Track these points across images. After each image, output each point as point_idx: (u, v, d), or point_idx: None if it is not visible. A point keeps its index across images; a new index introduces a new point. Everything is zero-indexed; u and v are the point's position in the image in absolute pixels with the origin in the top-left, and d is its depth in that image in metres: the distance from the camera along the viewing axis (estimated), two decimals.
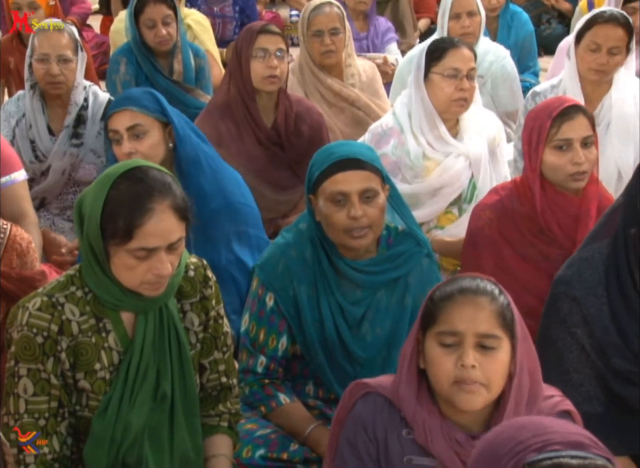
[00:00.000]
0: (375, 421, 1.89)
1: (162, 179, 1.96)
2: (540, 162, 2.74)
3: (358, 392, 1.93)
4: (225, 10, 5.74)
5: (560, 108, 2.73)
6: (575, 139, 2.72)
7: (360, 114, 4.15)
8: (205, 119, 3.62)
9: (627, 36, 3.49)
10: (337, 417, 1.98)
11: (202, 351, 2.17)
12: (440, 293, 1.84)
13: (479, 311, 1.79)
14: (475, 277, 1.86)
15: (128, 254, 1.91)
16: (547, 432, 1.30)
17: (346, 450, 1.91)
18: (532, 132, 2.76)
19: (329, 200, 2.36)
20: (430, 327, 1.82)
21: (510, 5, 5.32)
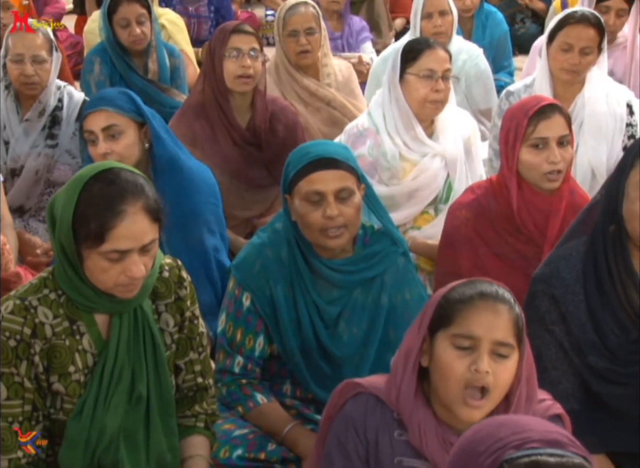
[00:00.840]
0: (367, 421, 1.88)
1: (134, 180, 1.94)
2: (516, 161, 2.75)
3: (349, 391, 1.92)
4: (200, 10, 5.73)
5: (537, 107, 2.74)
6: (551, 138, 2.74)
7: (336, 114, 4.16)
8: (180, 119, 3.61)
9: (599, 36, 3.52)
10: (326, 415, 1.98)
11: (177, 352, 2.16)
12: (458, 295, 1.81)
13: (498, 318, 1.77)
14: (492, 282, 1.85)
15: (101, 256, 1.90)
16: (525, 430, 1.31)
17: (334, 450, 1.91)
18: (509, 132, 2.77)
19: (305, 200, 2.37)
20: (444, 328, 1.79)
21: (485, 5, 5.35)
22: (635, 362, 2.16)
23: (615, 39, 4.31)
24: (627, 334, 2.16)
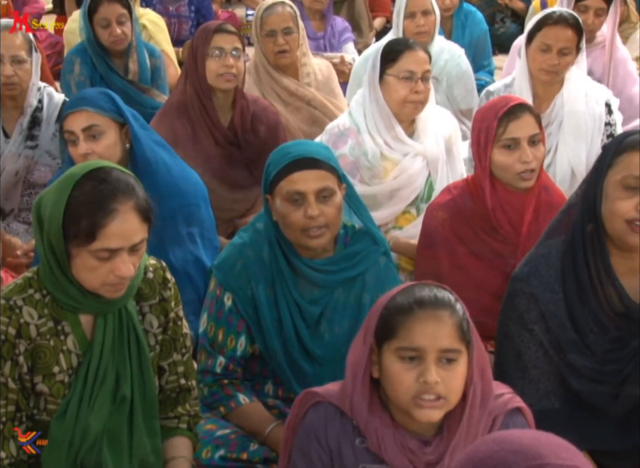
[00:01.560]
0: (327, 430, 1.87)
1: (125, 180, 1.95)
2: (489, 162, 2.77)
3: (308, 401, 1.92)
4: (180, 10, 5.72)
5: (506, 108, 2.75)
6: (522, 138, 2.75)
7: (316, 113, 4.16)
8: (161, 119, 3.60)
9: (577, 36, 3.54)
10: (288, 425, 1.97)
11: (161, 353, 2.16)
12: (396, 305, 1.79)
13: (440, 327, 1.75)
14: (430, 285, 1.83)
15: (90, 255, 1.90)
16: (541, 464, 1.20)
17: (299, 460, 1.90)
18: (480, 133, 2.79)
19: (286, 200, 2.37)
20: (388, 340, 1.78)
21: (464, 5, 5.37)
22: (614, 360, 2.18)
23: (594, 39, 4.34)
24: (605, 332, 2.18)
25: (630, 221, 2.09)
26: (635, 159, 2.09)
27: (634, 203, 2.08)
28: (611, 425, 2.18)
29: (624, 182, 2.10)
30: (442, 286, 1.85)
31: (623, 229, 2.10)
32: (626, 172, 2.09)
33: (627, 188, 2.09)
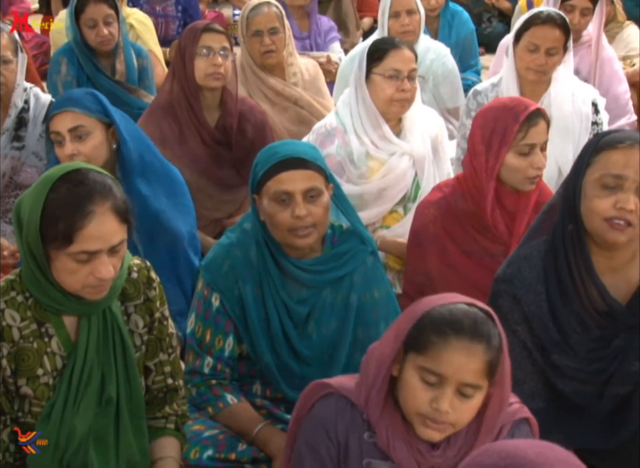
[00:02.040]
0: (337, 422, 1.87)
1: (102, 181, 1.94)
2: (499, 165, 2.74)
3: (318, 392, 1.91)
4: (167, 10, 5.71)
5: (527, 112, 2.72)
6: (538, 144, 2.75)
7: (303, 112, 4.16)
8: (148, 119, 3.60)
9: (564, 36, 3.55)
10: (295, 417, 1.97)
11: (147, 353, 2.16)
12: (434, 321, 1.75)
13: (471, 361, 1.72)
14: (474, 305, 1.78)
15: (69, 257, 1.89)
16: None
17: (305, 452, 1.89)
18: (494, 134, 2.74)
19: (273, 200, 2.37)
20: (416, 353, 1.75)
21: (451, 5, 5.38)
22: (597, 359, 2.18)
23: (580, 38, 4.35)
24: (588, 332, 2.18)
25: (609, 219, 2.10)
26: (613, 157, 2.09)
27: (611, 202, 2.08)
28: (595, 425, 2.18)
29: (601, 181, 2.10)
30: (486, 308, 1.80)
31: (602, 227, 2.10)
32: (604, 171, 2.10)
33: (605, 187, 2.09)
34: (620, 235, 2.09)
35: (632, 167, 2.07)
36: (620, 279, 2.19)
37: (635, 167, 2.07)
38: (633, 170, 2.07)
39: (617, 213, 2.08)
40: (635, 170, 2.07)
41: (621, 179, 2.08)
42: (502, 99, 2.90)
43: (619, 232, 2.09)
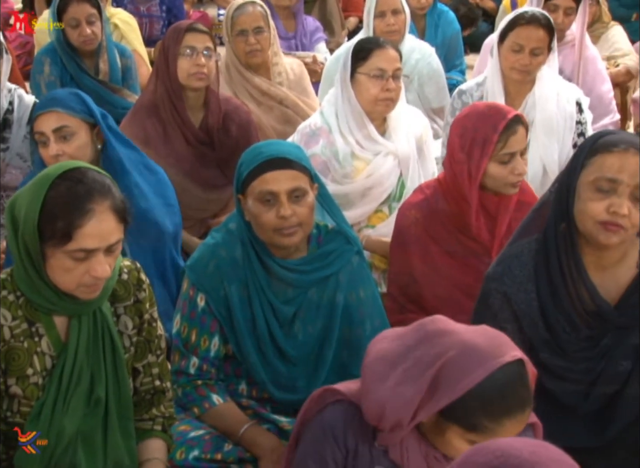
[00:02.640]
0: (347, 430, 1.85)
1: (101, 180, 1.94)
2: (481, 175, 2.74)
3: (327, 398, 1.90)
4: (152, 10, 5.69)
5: (505, 121, 2.71)
6: (517, 151, 2.76)
7: (289, 112, 4.16)
8: (132, 119, 3.59)
9: (549, 36, 3.56)
10: (301, 420, 1.96)
11: (136, 354, 2.15)
12: (487, 405, 1.68)
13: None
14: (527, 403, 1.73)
15: (66, 255, 1.89)
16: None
17: (310, 457, 1.88)
18: (474, 145, 2.73)
19: (258, 200, 2.37)
20: (456, 424, 1.70)
21: (438, 4, 5.39)
22: (585, 359, 2.19)
23: (563, 37, 4.37)
24: (577, 331, 2.18)
25: (602, 222, 2.10)
26: (608, 161, 2.09)
27: (605, 205, 2.08)
28: (582, 423, 2.19)
29: (596, 183, 2.09)
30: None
31: (595, 228, 2.11)
32: (599, 174, 2.09)
33: (599, 190, 2.09)
34: (613, 237, 2.10)
35: (627, 172, 2.07)
36: (609, 280, 2.20)
37: (630, 171, 2.07)
38: (628, 174, 2.07)
39: (610, 217, 2.08)
40: (629, 174, 2.07)
41: (615, 183, 2.08)
42: (479, 106, 2.88)
43: (611, 234, 2.09)
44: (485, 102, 3.10)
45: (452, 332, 1.75)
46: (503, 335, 1.77)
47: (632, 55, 5.04)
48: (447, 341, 1.73)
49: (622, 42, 5.13)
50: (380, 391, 1.77)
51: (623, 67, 4.93)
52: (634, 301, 2.17)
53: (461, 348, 1.70)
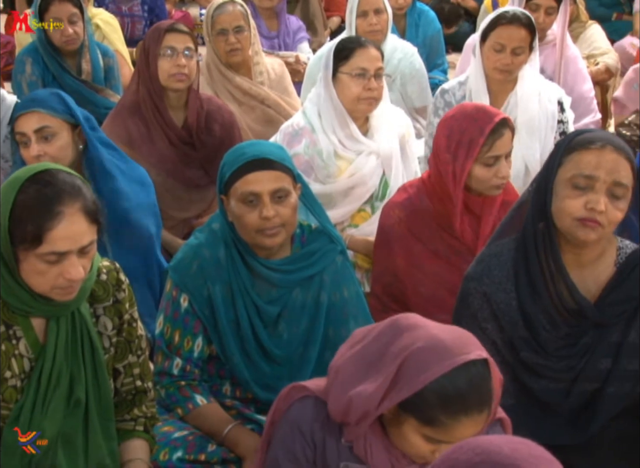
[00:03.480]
0: (314, 425, 1.86)
1: (71, 182, 1.92)
2: (466, 177, 2.75)
3: (295, 395, 1.90)
4: (133, 10, 5.67)
5: (492, 125, 2.72)
6: (502, 155, 2.77)
7: (270, 112, 4.16)
8: (114, 119, 3.58)
9: (530, 36, 3.58)
10: (271, 419, 1.95)
11: (116, 355, 2.14)
12: (443, 398, 1.69)
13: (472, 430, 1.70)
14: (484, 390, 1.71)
15: (38, 259, 1.88)
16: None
17: (281, 454, 1.89)
18: (460, 146, 2.74)
19: (241, 201, 2.37)
20: (415, 420, 1.72)
21: (417, 4, 5.40)
22: (565, 357, 2.20)
23: (545, 37, 4.39)
24: (557, 329, 2.19)
25: (580, 219, 2.11)
26: (584, 158, 2.10)
27: (582, 202, 2.09)
28: (563, 421, 2.20)
29: (573, 181, 2.11)
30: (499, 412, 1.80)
31: (573, 225, 2.12)
32: (576, 171, 2.11)
33: (576, 187, 2.10)
34: (591, 233, 2.11)
35: (604, 168, 2.09)
36: (588, 278, 2.21)
37: (607, 168, 2.09)
38: (604, 171, 2.08)
39: (587, 214, 2.09)
40: (606, 171, 2.08)
41: (592, 180, 2.09)
42: (467, 107, 2.88)
43: (589, 230, 2.11)
44: (473, 104, 3.11)
45: (421, 326, 1.76)
46: (472, 336, 1.77)
47: (611, 53, 5.07)
48: (415, 334, 1.74)
49: (601, 41, 5.16)
50: (347, 387, 1.78)
51: (603, 66, 4.96)
52: (613, 299, 2.18)
53: (427, 341, 1.71)
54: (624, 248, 2.24)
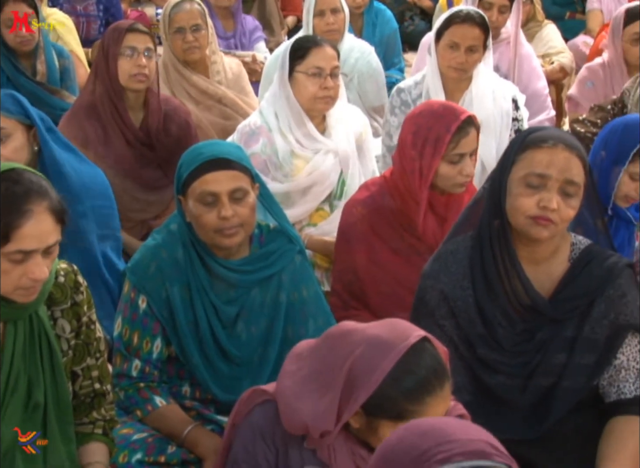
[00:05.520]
0: (275, 430, 1.85)
1: (38, 181, 1.92)
2: (432, 175, 2.76)
3: (256, 399, 1.90)
4: (88, 9, 5.62)
5: (458, 123, 2.74)
6: (467, 153, 2.79)
7: (228, 111, 4.16)
8: (70, 120, 3.55)
9: (484, 34, 3.61)
10: (232, 422, 1.95)
11: (74, 358, 2.13)
12: (407, 393, 1.71)
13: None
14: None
15: (3, 258, 1.86)
16: (450, 441, 1.26)
17: (241, 457, 1.88)
18: (427, 144, 2.75)
19: (199, 201, 2.36)
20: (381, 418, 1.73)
21: (375, 3, 5.42)
22: (521, 353, 2.22)
23: (499, 35, 4.43)
24: (513, 326, 2.21)
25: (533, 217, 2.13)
26: (537, 156, 2.12)
27: (535, 200, 2.12)
28: (520, 416, 2.21)
29: (526, 179, 2.13)
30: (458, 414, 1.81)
31: (527, 223, 2.14)
32: (528, 170, 2.13)
33: (529, 185, 2.13)
34: (544, 231, 2.13)
35: (556, 167, 2.11)
36: (542, 274, 2.23)
37: (559, 166, 2.11)
38: (556, 169, 2.11)
39: (540, 212, 2.11)
40: (558, 169, 2.11)
41: (545, 178, 2.11)
42: (434, 104, 2.89)
43: (542, 228, 2.13)
44: (440, 101, 3.13)
45: (355, 331, 1.78)
46: (403, 321, 1.81)
47: (566, 52, 5.13)
48: (351, 340, 1.76)
49: (556, 40, 5.22)
50: (299, 408, 1.79)
51: (557, 65, 5.02)
52: (567, 294, 2.21)
53: (366, 344, 1.73)
54: (578, 243, 2.27)
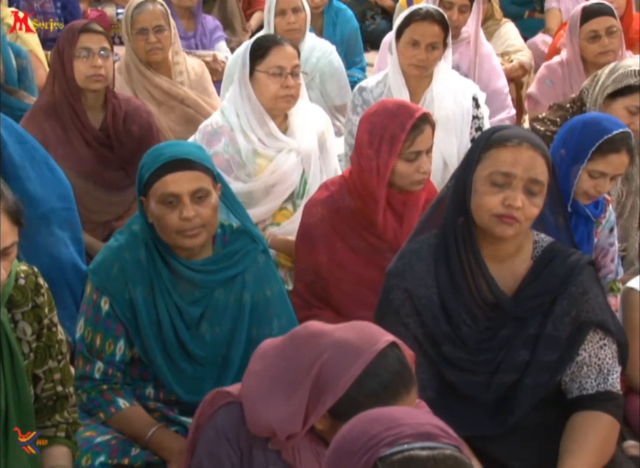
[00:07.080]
0: (239, 431, 1.85)
1: None
2: (389, 173, 2.77)
3: (220, 401, 1.89)
4: (46, 7, 5.56)
5: (413, 121, 2.75)
6: (423, 150, 2.80)
7: (190, 112, 4.15)
8: (29, 121, 3.52)
9: (444, 32, 3.64)
10: (196, 425, 1.94)
11: (35, 360, 2.11)
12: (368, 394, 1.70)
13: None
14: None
15: None
16: (398, 424, 1.30)
17: (205, 459, 1.87)
18: (382, 142, 2.76)
19: (160, 202, 2.35)
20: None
21: (334, 2, 5.43)
22: (485, 350, 2.23)
23: (459, 35, 4.46)
24: (477, 323, 2.23)
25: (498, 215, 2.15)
26: (502, 155, 2.14)
27: (500, 199, 2.13)
28: (483, 412, 2.23)
29: (491, 178, 2.14)
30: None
31: (492, 221, 2.16)
32: (493, 168, 2.14)
33: (493, 184, 2.14)
34: (508, 229, 2.15)
35: (520, 166, 2.12)
36: (506, 271, 2.25)
37: (523, 165, 2.13)
38: (521, 168, 2.12)
39: (505, 210, 2.13)
40: (523, 168, 2.12)
41: (509, 177, 2.13)
42: (388, 103, 2.90)
43: (506, 226, 2.15)
44: (393, 100, 3.15)
45: (323, 334, 1.77)
46: (372, 325, 1.81)
47: (525, 51, 5.17)
48: (319, 343, 1.75)
49: (515, 39, 5.26)
50: (265, 410, 1.78)
51: (517, 63, 5.05)
52: (530, 292, 2.22)
53: (334, 348, 1.73)
54: (540, 241, 2.29)
